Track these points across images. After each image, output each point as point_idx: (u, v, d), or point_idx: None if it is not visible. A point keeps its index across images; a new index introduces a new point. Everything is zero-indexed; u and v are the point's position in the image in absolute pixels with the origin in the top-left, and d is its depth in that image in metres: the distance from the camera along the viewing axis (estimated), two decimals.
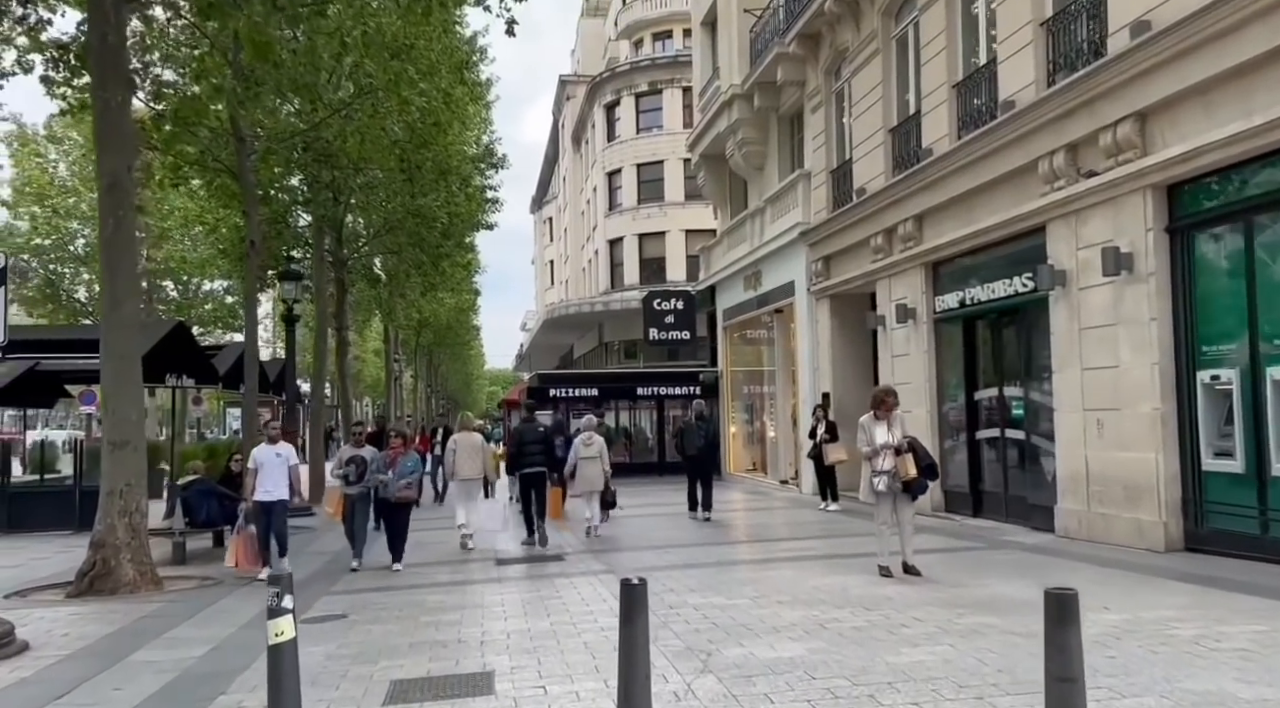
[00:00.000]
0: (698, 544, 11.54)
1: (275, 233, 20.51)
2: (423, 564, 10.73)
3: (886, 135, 14.73)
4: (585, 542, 11.95)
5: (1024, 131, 10.73)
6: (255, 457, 10.17)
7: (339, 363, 24.38)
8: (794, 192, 18.46)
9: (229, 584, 9.80)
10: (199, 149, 15.60)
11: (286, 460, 10.16)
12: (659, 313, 25.72)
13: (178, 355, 16.00)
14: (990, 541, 10.61)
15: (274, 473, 10.08)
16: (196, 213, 22.83)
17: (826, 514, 14.20)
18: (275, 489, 10.06)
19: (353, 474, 10.58)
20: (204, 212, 22.04)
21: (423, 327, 42.54)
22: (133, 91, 10.30)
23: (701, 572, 9.17)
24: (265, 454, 10.13)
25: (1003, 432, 12.07)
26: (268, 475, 10.04)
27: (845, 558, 9.71)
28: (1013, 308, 11.72)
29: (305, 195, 20.31)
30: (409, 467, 10.68)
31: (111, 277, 9.47)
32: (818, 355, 17.67)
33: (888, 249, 14.60)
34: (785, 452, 20.14)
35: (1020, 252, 11.38)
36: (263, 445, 10.35)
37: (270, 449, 10.18)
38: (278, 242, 20.52)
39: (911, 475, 8.19)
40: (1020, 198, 11.11)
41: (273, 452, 10.15)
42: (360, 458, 10.71)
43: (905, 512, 8.41)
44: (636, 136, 37.93)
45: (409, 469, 10.67)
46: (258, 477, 10.04)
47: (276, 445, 10.19)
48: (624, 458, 25.41)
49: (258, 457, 10.14)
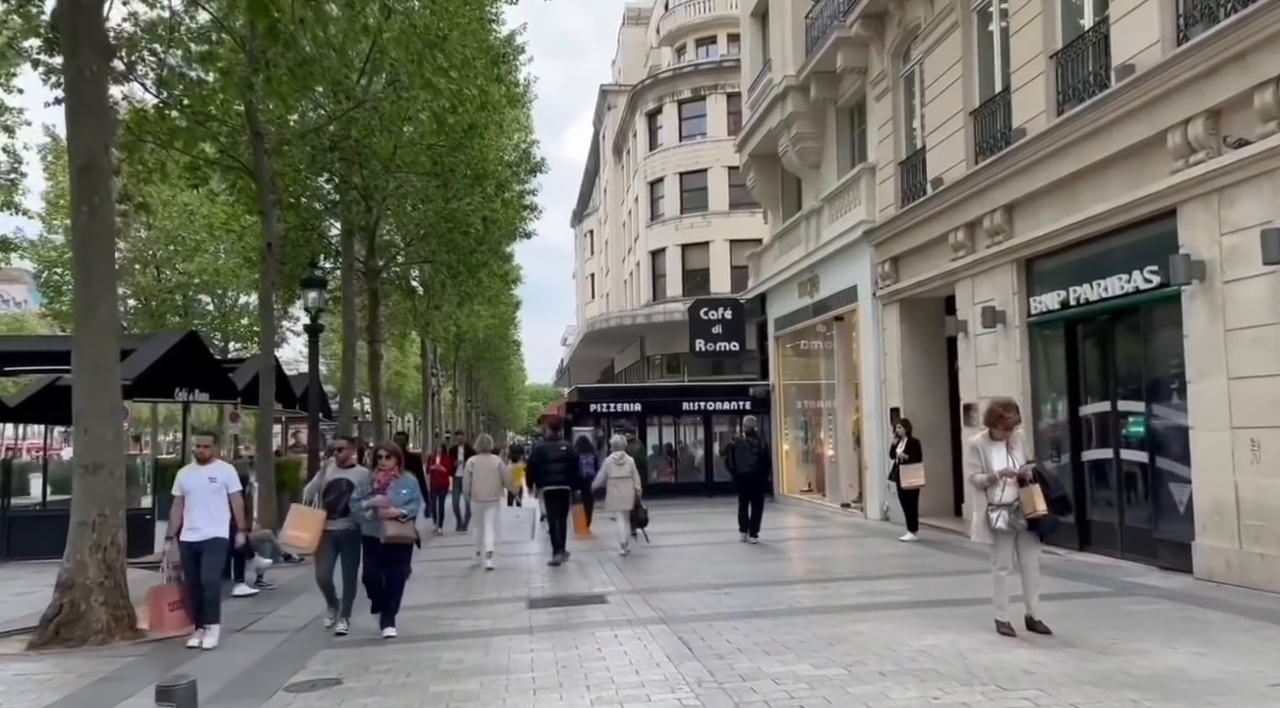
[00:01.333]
0: (760, 583, 9.97)
1: (303, 240, 19.42)
2: (442, 605, 9.30)
3: (967, 118, 13.11)
4: (627, 575, 10.44)
5: (1148, 98, 9.07)
6: (180, 482, 7.90)
7: (372, 377, 23.24)
8: (856, 188, 16.88)
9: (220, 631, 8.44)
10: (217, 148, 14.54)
11: (224, 487, 7.94)
12: (706, 323, 24.21)
13: (190, 367, 14.87)
14: (1113, 583, 8.90)
15: (206, 504, 7.81)
16: (222, 220, 21.84)
17: (905, 546, 12.54)
18: (207, 525, 7.77)
19: (337, 504, 8.10)
20: (229, 218, 21.06)
21: (461, 341, 41.55)
22: (109, 60, 9.06)
23: (772, 623, 7.60)
24: (193, 479, 7.86)
25: (1116, 452, 10.34)
26: (198, 507, 7.78)
27: (943, 606, 8.08)
28: (1130, 307, 10.02)
29: (333, 199, 19.20)
30: (404, 494, 7.87)
31: (85, 274, 8.22)
32: (885, 366, 16.02)
33: (970, 245, 12.96)
34: (847, 472, 18.47)
35: (1141, 242, 9.70)
36: (189, 467, 8.09)
37: (201, 473, 7.88)
38: (305, 249, 19.42)
39: (1040, 511, 6.56)
40: (1140, 178, 9.45)
41: (204, 475, 7.87)
42: (345, 483, 8.18)
43: (1030, 555, 6.78)
44: (679, 144, 36.62)
45: (404, 498, 7.85)
46: (184, 509, 7.80)
47: (209, 466, 7.94)
48: (669, 478, 23.95)
49: (183, 482, 7.88)
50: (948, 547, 12.21)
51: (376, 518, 7.74)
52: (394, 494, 7.78)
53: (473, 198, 19.72)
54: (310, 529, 7.98)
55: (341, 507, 8.04)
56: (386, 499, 7.77)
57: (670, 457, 24.53)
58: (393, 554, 7.89)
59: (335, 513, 8.06)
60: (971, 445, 6.95)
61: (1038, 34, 11.33)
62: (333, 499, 8.11)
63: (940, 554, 11.60)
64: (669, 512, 19.09)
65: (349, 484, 8.10)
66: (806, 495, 20.85)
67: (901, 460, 13.14)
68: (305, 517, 8.07)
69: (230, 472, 8.14)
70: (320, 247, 20.30)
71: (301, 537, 8.02)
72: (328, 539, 8.05)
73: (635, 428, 23.68)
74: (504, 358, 61.56)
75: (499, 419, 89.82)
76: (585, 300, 61.05)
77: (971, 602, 8.12)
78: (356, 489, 7.99)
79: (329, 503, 8.07)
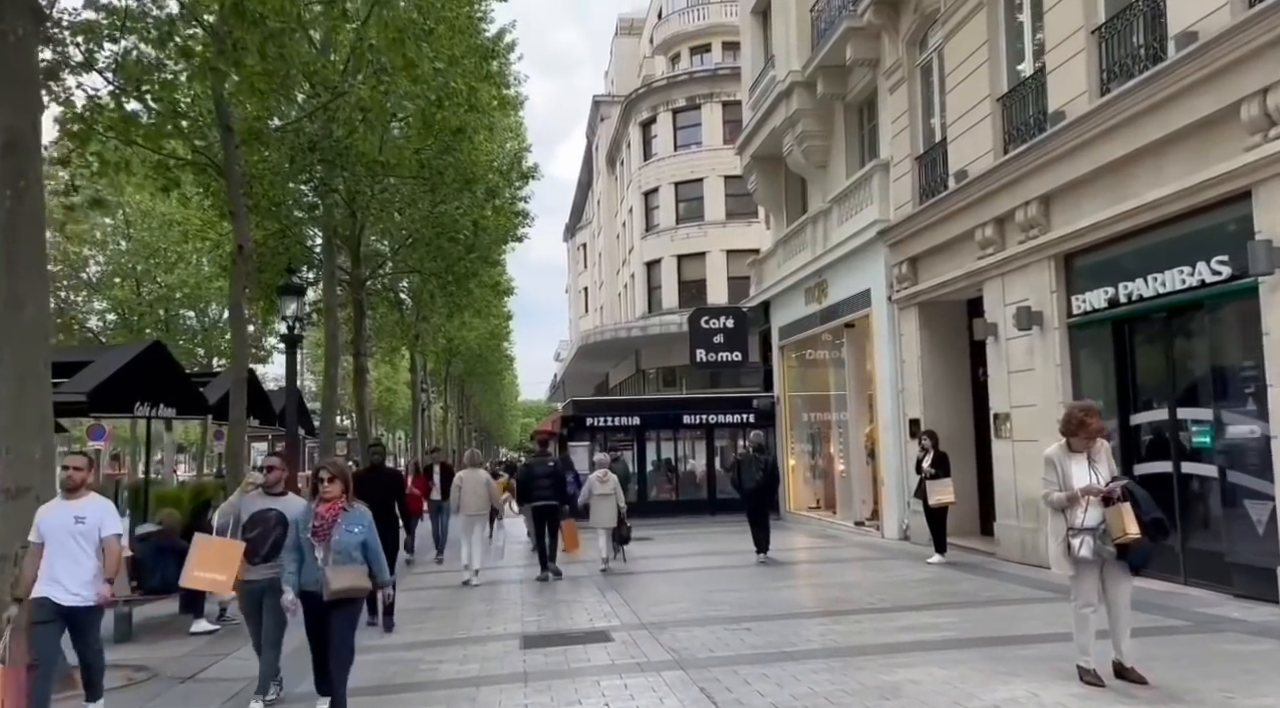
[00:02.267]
0: (783, 615, 8.87)
1: (283, 248, 18.37)
2: (423, 644, 8.18)
3: (994, 105, 12.13)
4: (632, 606, 9.31)
5: (1216, 68, 8.08)
6: (38, 523, 5.90)
7: (357, 393, 22.12)
8: (868, 186, 15.88)
9: (165, 679, 7.32)
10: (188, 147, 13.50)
11: (96, 529, 5.86)
12: (707, 332, 23.13)
13: (155, 380, 13.73)
14: (1186, 615, 7.82)
15: (70, 553, 5.76)
16: (197, 226, 20.75)
17: (934, 570, 11.46)
18: (72, 581, 5.73)
19: (260, 545, 6.18)
20: (205, 225, 19.98)
21: (452, 355, 40.50)
22: (39, 24, 8.01)
23: (807, 668, 6.51)
24: (55, 518, 5.85)
25: (1176, 465, 9.29)
26: (59, 557, 5.74)
27: (1003, 645, 6.99)
28: (1193, 303, 8.98)
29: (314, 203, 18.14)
30: (352, 535, 5.56)
31: (10, 268, 7.11)
32: (902, 375, 14.98)
33: (1000, 242, 11.95)
34: (860, 488, 17.38)
35: (1207, 230, 8.69)
36: (53, 502, 6.11)
37: (65, 510, 5.88)
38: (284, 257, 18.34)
39: (1131, 535, 5.50)
40: (1206, 158, 8.45)
41: (68, 513, 5.85)
42: (275, 516, 6.22)
43: (1120, 589, 5.70)
44: (674, 154, 35.75)
45: (351, 541, 5.53)
46: (42, 558, 5.78)
47: (80, 499, 5.92)
48: (669, 495, 22.85)
49: (41, 523, 5.87)
50: (983, 570, 11.14)
51: (287, 608, 5.66)
52: (341, 536, 5.52)
53: (461, 202, 18.75)
54: (225, 566, 6.09)
55: (267, 549, 6.13)
56: (332, 552, 5.49)
57: (670, 473, 23.42)
58: (336, 613, 5.53)
59: (257, 556, 6.16)
60: (1047, 458, 5.87)
61: (1076, 8, 10.36)
62: (256, 536, 6.18)
63: (977, 579, 10.52)
64: (671, 532, 18.04)
65: (279, 518, 6.18)
66: (815, 513, 19.74)
67: (928, 476, 12.09)
68: (217, 549, 6.23)
69: (104, 508, 6.02)
70: (301, 255, 19.27)
71: (215, 579, 6.16)
72: (245, 591, 6.16)
73: (633, 443, 22.61)
74: (496, 373, 60.40)
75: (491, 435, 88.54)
76: (579, 314, 60.04)
77: (1034, 639, 7.06)
78: (290, 528, 5.86)
79: (250, 541, 6.19)
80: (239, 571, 6.13)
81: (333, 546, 5.51)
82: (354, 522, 5.63)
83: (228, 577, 6.11)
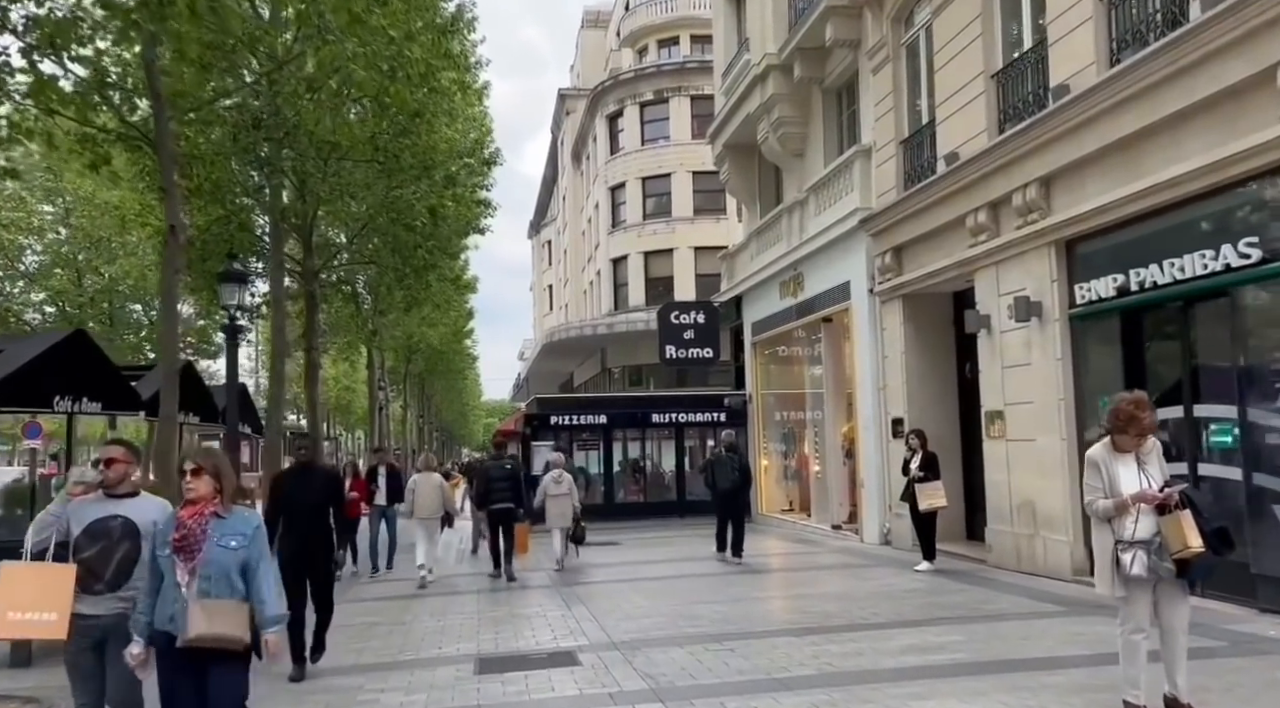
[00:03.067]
0: (769, 632, 8.00)
1: (226, 235, 17.20)
2: (364, 667, 7.17)
3: (988, 82, 11.38)
4: (600, 620, 8.38)
5: (1247, 28, 7.35)
6: None
7: (309, 390, 20.92)
8: (849, 173, 15.10)
9: None
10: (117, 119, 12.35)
11: None
12: (677, 328, 22.27)
13: (77, 372, 12.51)
14: (1216, 632, 7.05)
15: None
16: (135, 211, 19.43)
17: (924, 578, 10.66)
18: None
19: (100, 568, 4.30)
20: (144, 210, 18.69)
21: (412, 353, 39.26)
22: None
23: (807, 702, 5.62)
24: None
25: (1192, 466, 8.55)
26: None
27: (1025, 670, 6.17)
28: (1215, 290, 8.23)
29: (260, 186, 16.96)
30: (227, 550, 3.99)
31: None
32: (884, 372, 14.21)
33: (994, 228, 11.20)
34: (837, 490, 16.60)
35: (1232, 210, 7.96)
36: None
37: None
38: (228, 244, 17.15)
39: (1194, 548, 4.69)
40: (1231, 131, 7.72)
41: None
42: (122, 525, 4.33)
43: (1178, 612, 4.88)
44: (641, 148, 34.87)
45: (225, 560, 3.98)
46: None
47: None
48: (637, 497, 21.95)
49: None
50: (976, 579, 10.37)
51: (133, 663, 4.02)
52: (212, 553, 3.94)
53: (419, 187, 17.70)
54: (53, 601, 4.15)
55: (111, 572, 4.31)
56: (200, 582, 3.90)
57: (638, 474, 22.50)
58: (220, 675, 3.91)
59: (99, 582, 4.29)
60: (1090, 460, 5.04)
61: None
62: (94, 555, 4.28)
63: (972, 589, 9.73)
64: (639, 536, 17.16)
65: (126, 527, 4.33)
66: (789, 515, 18.93)
67: (916, 478, 11.31)
68: (35, 579, 4.20)
69: None
70: (248, 242, 18.10)
71: (42, 619, 4.13)
72: (80, 631, 4.25)
73: (600, 443, 21.68)
74: (458, 371, 59.07)
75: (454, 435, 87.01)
76: (543, 313, 58.93)
77: (1057, 664, 6.26)
78: (145, 541, 4.24)
79: (86, 562, 4.27)
80: (72, 604, 4.19)
81: (199, 567, 3.91)
82: (231, 531, 3.99)
83: (60, 615, 4.14)
